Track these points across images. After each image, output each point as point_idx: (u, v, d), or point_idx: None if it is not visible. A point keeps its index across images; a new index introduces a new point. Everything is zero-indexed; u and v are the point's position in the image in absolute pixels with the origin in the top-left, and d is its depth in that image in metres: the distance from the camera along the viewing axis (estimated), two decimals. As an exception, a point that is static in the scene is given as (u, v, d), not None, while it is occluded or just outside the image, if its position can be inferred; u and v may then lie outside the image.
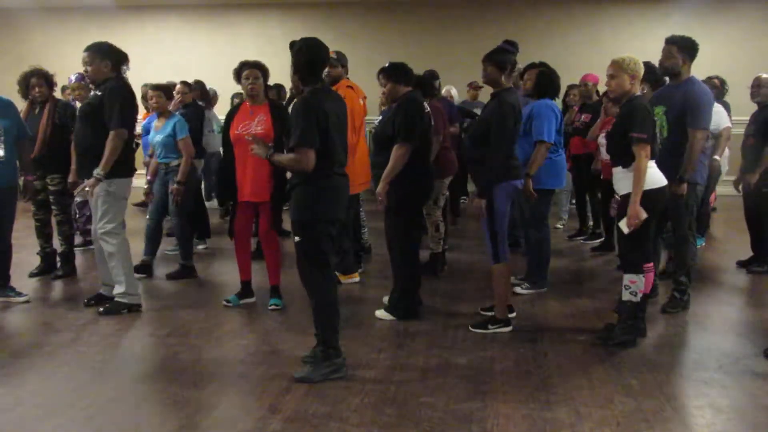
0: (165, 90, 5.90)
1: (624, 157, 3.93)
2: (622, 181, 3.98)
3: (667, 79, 4.74)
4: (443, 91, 8.33)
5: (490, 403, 3.29)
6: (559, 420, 3.12)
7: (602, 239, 6.83)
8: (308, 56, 3.54)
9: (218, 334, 4.38)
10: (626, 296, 4.04)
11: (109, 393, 3.48)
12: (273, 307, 4.78)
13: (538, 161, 4.99)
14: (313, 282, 3.58)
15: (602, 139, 6.20)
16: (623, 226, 3.90)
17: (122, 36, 11.72)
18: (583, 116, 6.87)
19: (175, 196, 5.67)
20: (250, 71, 4.69)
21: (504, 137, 4.17)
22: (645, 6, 10.96)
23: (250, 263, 4.98)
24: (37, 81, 5.50)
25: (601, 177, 6.34)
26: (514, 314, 4.54)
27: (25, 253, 6.00)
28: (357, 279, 5.60)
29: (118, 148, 4.50)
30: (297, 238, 3.54)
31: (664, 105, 4.52)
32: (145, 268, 5.72)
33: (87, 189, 4.55)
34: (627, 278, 4.03)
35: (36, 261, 5.80)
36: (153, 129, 5.90)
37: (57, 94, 6.05)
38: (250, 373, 3.66)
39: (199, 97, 7.67)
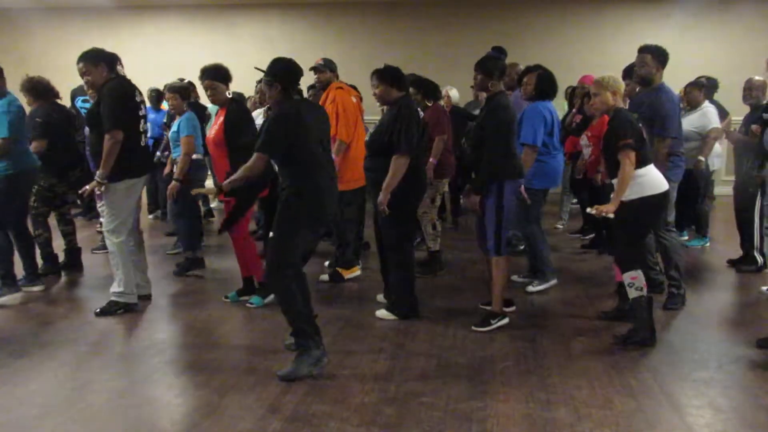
0: (181, 91, 5.91)
1: (618, 168, 4.04)
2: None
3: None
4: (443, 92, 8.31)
5: (490, 403, 3.30)
6: (559, 420, 3.12)
7: (592, 236, 6.92)
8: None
9: (218, 333, 4.39)
10: (633, 294, 4.08)
11: (110, 393, 3.49)
12: (249, 304, 4.87)
13: (526, 164, 5.02)
14: (280, 281, 3.57)
15: (585, 141, 6.26)
16: (592, 209, 4.03)
17: (122, 36, 11.76)
18: (575, 117, 6.91)
19: (169, 191, 5.68)
20: (206, 83, 4.83)
21: (499, 137, 4.27)
22: (645, 6, 10.96)
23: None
24: (24, 93, 5.59)
25: (587, 176, 6.40)
26: (513, 308, 4.63)
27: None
28: (358, 272, 5.64)
29: (114, 150, 4.47)
30: (271, 234, 3.62)
31: (636, 112, 4.61)
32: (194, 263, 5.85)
33: (87, 189, 4.61)
34: (627, 276, 4.08)
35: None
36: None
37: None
38: (250, 373, 3.66)
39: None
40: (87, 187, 4.63)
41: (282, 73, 3.68)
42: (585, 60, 10.21)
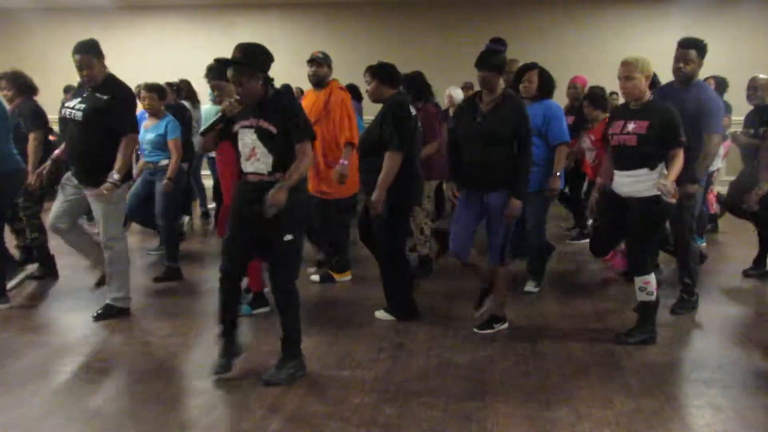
0: (159, 91, 5.91)
1: (654, 160, 3.94)
2: (645, 182, 3.94)
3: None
4: (446, 93, 8.30)
5: (490, 403, 3.29)
6: (559, 420, 3.12)
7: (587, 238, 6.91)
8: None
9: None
10: (643, 297, 4.08)
11: (109, 393, 3.49)
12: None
13: (564, 162, 5.06)
14: (291, 282, 3.56)
15: (588, 144, 6.29)
16: (665, 181, 3.79)
17: (122, 36, 11.76)
18: (567, 118, 6.84)
19: (165, 191, 5.67)
20: (213, 83, 4.73)
21: (530, 141, 4.17)
22: (646, 6, 10.97)
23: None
24: (6, 84, 5.49)
25: (587, 178, 6.44)
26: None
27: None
28: (350, 277, 5.63)
29: (131, 153, 4.54)
30: (290, 237, 3.46)
31: (679, 109, 4.51)
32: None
33: (105, 193, 4.35)
34: (641, 280, 4.05)
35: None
36: (143, 128, 5.80)
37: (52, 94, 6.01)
38: (250, 373, 3.66)
39: (185, 96, 7.71)
40: (104, 191, 4.33)
41: (263, 58, 3.44)
42: (585, 60, 10.24)
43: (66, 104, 4.53)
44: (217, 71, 4.67)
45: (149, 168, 5.88)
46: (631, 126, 3.97)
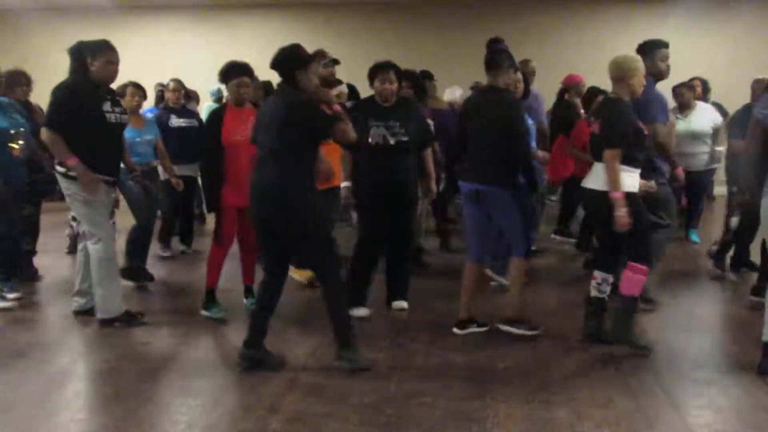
0: (143, 90, 5.87)
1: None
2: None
3: None
4: (447, 94, 8.27)
5: (490, 403, 3.30)
6: (559, 420, 3.12)
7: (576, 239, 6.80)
8: None
9: (218, 334, 4.38)
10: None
11: (110, 393, 3.49)
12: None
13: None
14: None
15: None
16: None
17: (122, 36, 11.72)
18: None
19: (177, 187, 5.65)
20: (247, 80, 4.59)
21: None
22: (645, 6, 10.98)
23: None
24: (26, 81, 5.71)
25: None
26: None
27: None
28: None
29: None
30: None
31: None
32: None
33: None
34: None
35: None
36: (133, 127, 5.51)
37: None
38: (250, 373, 3.66)
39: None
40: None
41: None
42: (585, 60, 10.21)
43: (107, 109, 4.38)
44: (249, 69, 4.66)
45: (139, 169, 5.35)
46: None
